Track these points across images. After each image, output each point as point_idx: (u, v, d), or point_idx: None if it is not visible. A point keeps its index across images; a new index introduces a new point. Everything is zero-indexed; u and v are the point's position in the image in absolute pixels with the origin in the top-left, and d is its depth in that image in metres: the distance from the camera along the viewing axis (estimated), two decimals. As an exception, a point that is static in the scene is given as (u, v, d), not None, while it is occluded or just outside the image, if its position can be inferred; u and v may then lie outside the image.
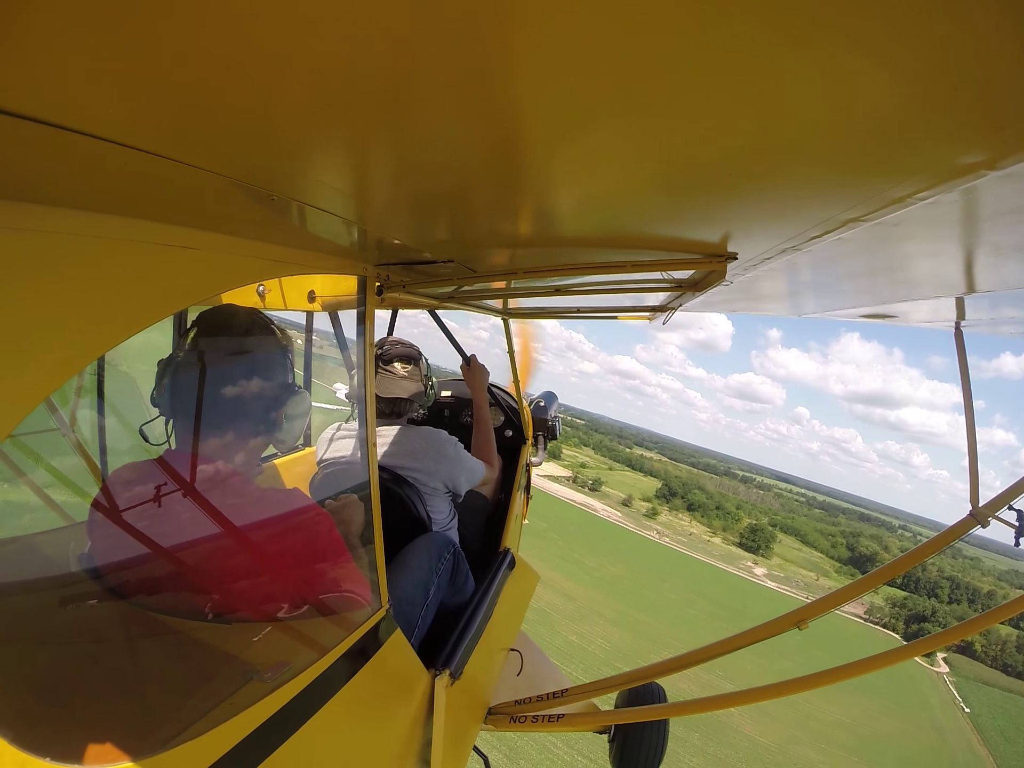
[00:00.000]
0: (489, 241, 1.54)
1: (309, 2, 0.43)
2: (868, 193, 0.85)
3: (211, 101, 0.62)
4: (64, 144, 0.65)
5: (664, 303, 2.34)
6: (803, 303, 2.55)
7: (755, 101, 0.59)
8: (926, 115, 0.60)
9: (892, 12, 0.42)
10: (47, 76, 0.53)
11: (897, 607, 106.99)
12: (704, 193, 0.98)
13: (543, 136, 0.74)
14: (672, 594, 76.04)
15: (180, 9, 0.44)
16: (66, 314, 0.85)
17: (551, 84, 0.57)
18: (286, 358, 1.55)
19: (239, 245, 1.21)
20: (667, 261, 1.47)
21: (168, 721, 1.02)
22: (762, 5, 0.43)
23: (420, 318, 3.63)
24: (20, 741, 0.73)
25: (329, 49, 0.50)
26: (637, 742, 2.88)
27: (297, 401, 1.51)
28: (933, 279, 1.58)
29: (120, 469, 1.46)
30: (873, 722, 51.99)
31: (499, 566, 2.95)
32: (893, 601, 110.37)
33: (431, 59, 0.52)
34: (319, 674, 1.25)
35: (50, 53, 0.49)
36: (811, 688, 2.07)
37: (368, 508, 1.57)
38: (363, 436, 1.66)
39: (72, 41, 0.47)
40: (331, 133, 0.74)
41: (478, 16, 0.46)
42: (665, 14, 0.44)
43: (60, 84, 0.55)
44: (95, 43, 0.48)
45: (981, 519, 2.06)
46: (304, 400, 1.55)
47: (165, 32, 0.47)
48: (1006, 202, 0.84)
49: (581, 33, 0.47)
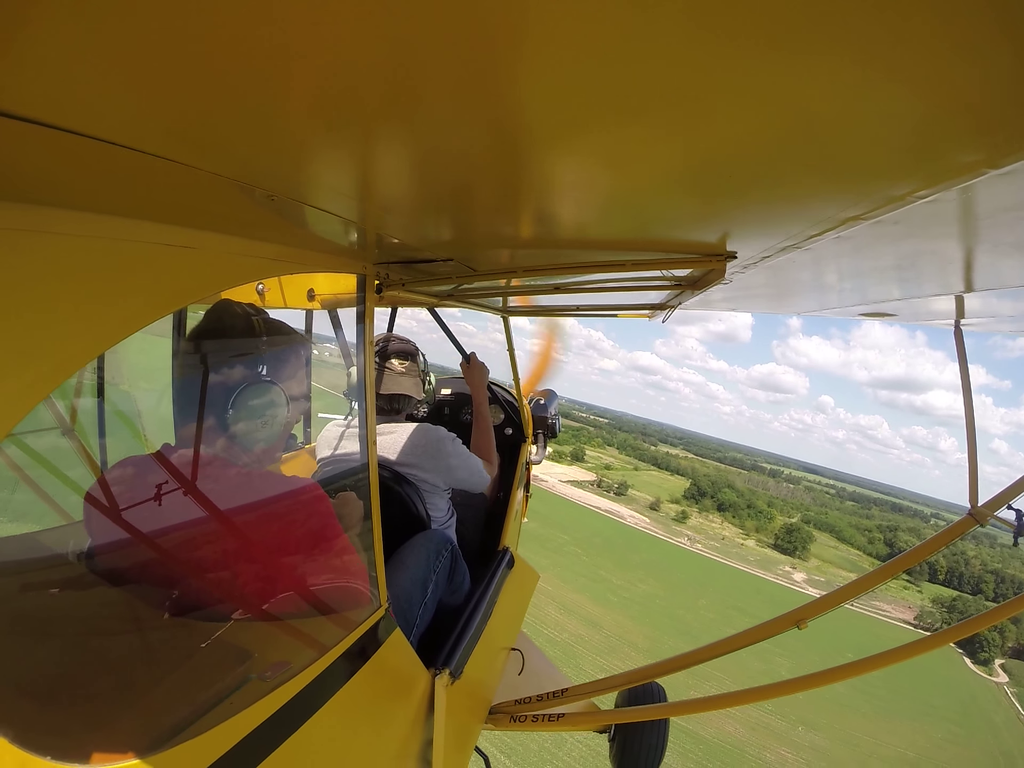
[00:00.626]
0: (489, 240, 1.54)
1: (310, 3, 0.43)
2: (867, 192, 0.85)
3: (211, 101, 0.62)
4: (64, 145, 0.65)
5: (664, 301, 2.34)
6: (802, 301, 2.55)
7: (755, 103, 0.59)
8: (926, 116, 0.60)
9: (892, 19, 0.42)
10: (47, 78, 0.53)
11: (947, 609, 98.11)
12: (703, 193, 0.97)
13: (543, 136, 0.73)
14: (709, 612, 69.85)
15: (180, 10, 0.44)
16: (65, 313, 0.85)
17: (552, 85, 0.57)
18: (295, 353, 1.56)
19: (238, 244, 1.20)
20: (666, 260, 1.47)
21: (168, 720, 1.02)
22: (765, 11, 0.43)
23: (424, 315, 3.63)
24: (20, 740, 0.74)
25: (330, 49, 0.50)
26: (637, 742, 2.89)
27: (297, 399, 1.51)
28: (933, 277, 1.58)
29: (117, 464, 1.46)
30: (939, 752, 48.09)
31: (498, 565, 2.95)
32: (941, 602, 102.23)
33: (433, 58, 0.52)
34: (319, 673, 1.25)
35: (49, 55, 0.49)
36: (812, 688, 2.07)
37: (366, 505, 1.57)
38: (362, 434, 1.66)
39: (72, 43, 0.47)
40: (331, 133, 0.74)
41: (480, 17, 0.45)
42: (667, 17, 0.44)
43: (60, 86, 0.55)
44: (95, 45, 0.48)
45: (980, 518, 2.07)
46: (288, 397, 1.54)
47: (165, 33, 0.47)
48: (1006, 200, 0.84)
49: (583, 35, 0.47)
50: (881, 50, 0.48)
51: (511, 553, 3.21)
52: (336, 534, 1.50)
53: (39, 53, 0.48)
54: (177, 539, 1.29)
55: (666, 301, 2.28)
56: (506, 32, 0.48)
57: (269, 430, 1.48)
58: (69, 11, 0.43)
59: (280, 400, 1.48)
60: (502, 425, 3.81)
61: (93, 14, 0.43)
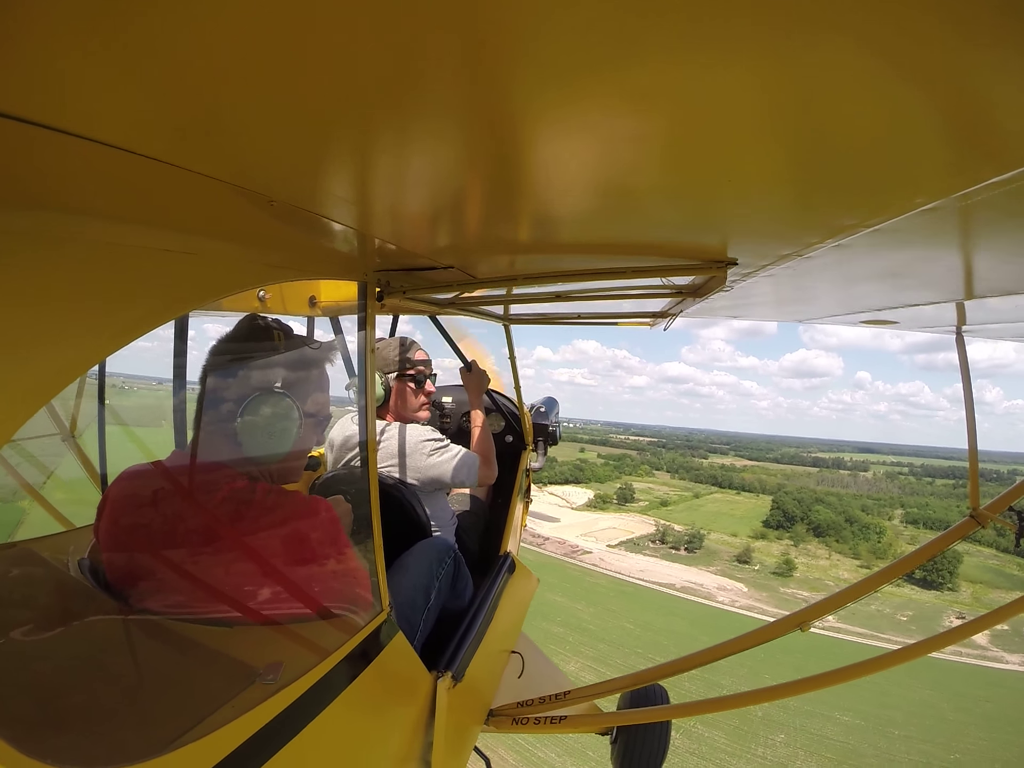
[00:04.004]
0: (489, 246, 1.54)
1: (310, 9, 0.44)
2: (868, 200, 0.85)
3: (212, 107, 0.62)
4: (66, 149, 0.66)
5: (665, 309, 2.35)
6: (803, 309, 2.55)
7: (755, 106, 0.59)
8: (928, 129, 0.61)
9: (893, 19, 0.43)
10: (48, 80, 0.53)
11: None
12: (704, 200, 0.98)
13: (543, 142, 0.74)
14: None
15: (181, 16, 0.44)
16: (66, 319, 0.85)
17: (551, 89, 0.58)
18: (314, 369, 1.57)
19: (239, 250, 1.21)
20: (667, 267, 1.47)
21: (170, 723, 1.01)
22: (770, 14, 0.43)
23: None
24: (21, 744, 0.73)
25: (330, 56, 0.51)
26: (639, 744, 2.86)
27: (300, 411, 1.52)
28: (933, 284, 1.58)
29: (124, 472, 1.46)
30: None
31: (500, 570, 2.95)
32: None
33: (433, 67, 0.52)
34: (321, 677, 1.25)
35: (51, 58, 0.49)
36: (815, 689, 2.06)
37: (365, 510, 1.57)
38: (363, 440, 1.66)
39: (74, 46, 0.48)
40: (332, 139, 0.74)
41: (480, 24, 0.46)
42: (668, 24, 0.45)
43: (61, 88, 0.55)
44: (97, 48, 0.48)
45: (982, 520, 2.06)
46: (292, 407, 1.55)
47: (167, 38, 0.47)
48: (1006, 208, 0.84)
49: (578, 37, 0.48)
50: (889, 51, 0.48)
51: (512, 558, 3.20)
52: (338, 539, 1.50)
53: (42, 56, 0.48)
54: (181, 548, 1.29)
55: (667, 309, 2.29)
56: (510, 38, 0.48)
57: (278, 441, 1.48)
58: (71, 14, 0.43)
59: (293, 414, 1.49)
60: (503, 433, 3.81)
61: (95, 17, 0.44)
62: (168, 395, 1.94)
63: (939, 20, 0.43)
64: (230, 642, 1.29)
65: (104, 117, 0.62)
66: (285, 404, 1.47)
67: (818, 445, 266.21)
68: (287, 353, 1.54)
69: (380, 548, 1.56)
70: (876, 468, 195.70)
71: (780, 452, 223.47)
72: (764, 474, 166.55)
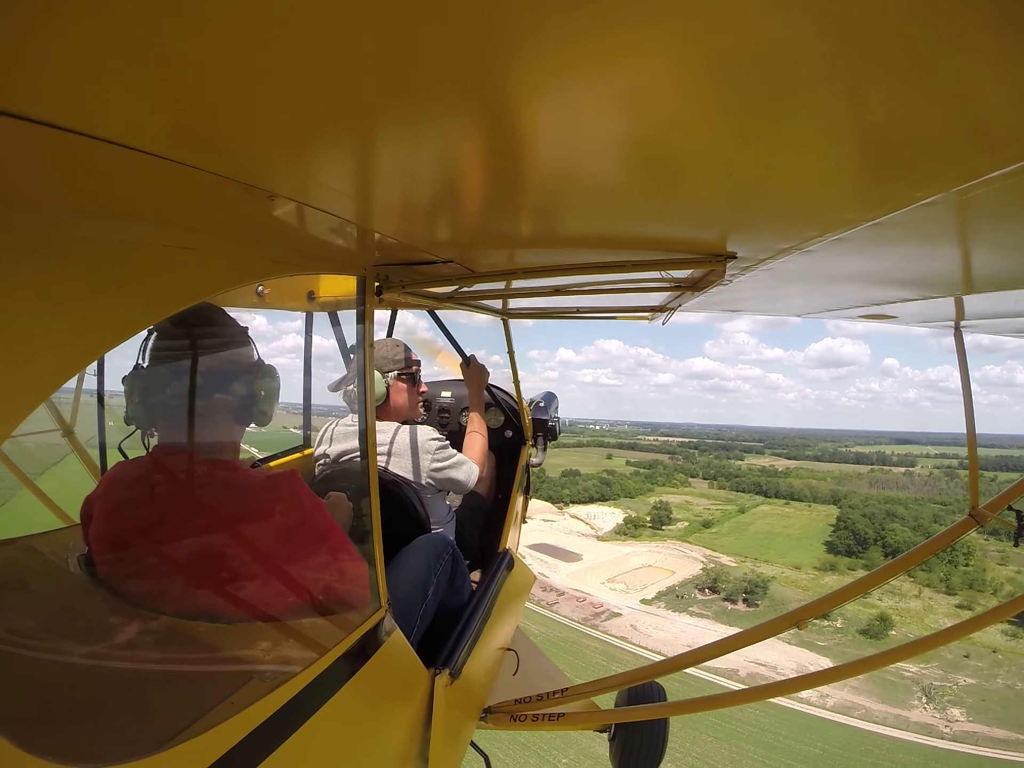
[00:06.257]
0: (488, 239, 1.54)
1: (308, 5, 0.44)
2: (868, 194, 0.85)
3: (210, 102, 0.62)
4: (65, 145, 0.66)
5: (664, 303, 2.35)
6: (802, 303, 2.55)
7: (755, 105, 0.59)
8: (928, 124, 0.61)
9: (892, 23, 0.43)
10: (48, 79, 0.53)
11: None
12: (703, 192, 0.98)
13: (542, 134, 0.74)
14: None
15: (181, 12, 0.44)
16: (66, 315, 0.85)
17: (551, 82, 0.57)
18: (241, 340, 1.54)
19: (238, 246, 1.21)
20: (666, 260, 1.47)
21: (168, 720, 1.02)
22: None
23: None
24: (20, 740, 0.73)
25: (328, 49, 0.51)
26: (637, 741, 2.89)
27: (264, 376, 1.51)
28: (932, 278, 1.58)
29: (113, 468, 1.46)
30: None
31: (498, 567, 2.95)
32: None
33: (432, 58, 0.52)
34: (319, 673, 1.25)
35: (52, 56, 0.49)
36: (813, 687, 2.08)
37: (365, 506, 1.57)
38: (363, 437, 1.66)
39: (73, 44, 0.47)
40: (330, 133, 0.74)
41: (480, 14, 0.46)
42: (669, 30, 0.45)
43: (62, 86, 0.55)
44: (96, 46, 0.48)
45: (981, 519, 2.07)
46: (271, 374, 1.54)
47: (165, 34, 0.47)
48: (1005, 203, 0.84)
49: (579, 31, 0.47)
50: (887, 46, 0.48)
51: (511, 555, 3.21)
52: (335, 536, 1.50)
53: (42, 54, 0.48)
54: (174, 541, 1.30)
55: (666, 303, 2.28)
56: (507, 29, 0.48)
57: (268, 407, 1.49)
58: (71, 13, 0.43)
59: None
60: (502, 428, 3.81)
61: (95, 15, 0.43)
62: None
63: (936, 15, 0.43)
64: (228, 638, 1.29)
65: (103, 113, 0.62)
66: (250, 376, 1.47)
67: (853, 438, 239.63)
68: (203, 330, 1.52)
69: (379, 545, 1.57)
70: (924, 462, 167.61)
71: (818, 448, 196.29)
72: (811, 478, 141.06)
